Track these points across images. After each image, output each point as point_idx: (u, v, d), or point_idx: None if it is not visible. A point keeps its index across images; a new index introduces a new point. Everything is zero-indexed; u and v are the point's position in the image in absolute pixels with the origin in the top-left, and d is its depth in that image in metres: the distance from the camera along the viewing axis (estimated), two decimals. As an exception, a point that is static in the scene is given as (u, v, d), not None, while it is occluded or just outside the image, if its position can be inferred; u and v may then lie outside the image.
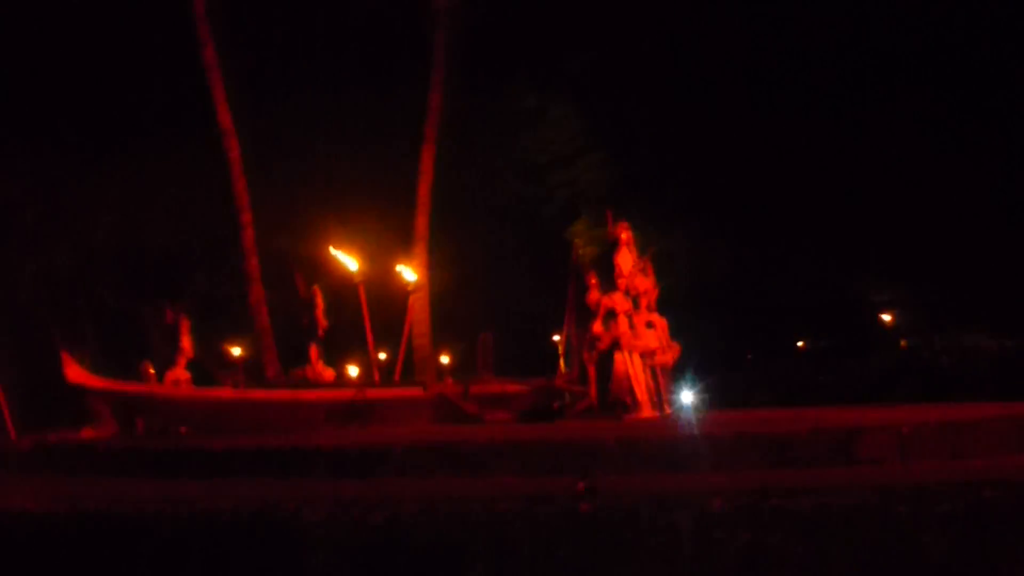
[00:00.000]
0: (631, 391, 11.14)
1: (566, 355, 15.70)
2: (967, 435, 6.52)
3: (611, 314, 11.20)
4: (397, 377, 14.30)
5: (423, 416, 12.13)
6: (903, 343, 23.96)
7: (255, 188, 15.87)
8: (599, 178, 20.49)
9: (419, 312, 16.27)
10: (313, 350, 14.09)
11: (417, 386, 13.32)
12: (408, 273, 15.48)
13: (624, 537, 3.98)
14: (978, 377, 17.07)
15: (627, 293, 11.55)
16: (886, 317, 24.83)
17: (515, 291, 21.12)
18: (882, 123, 19.50)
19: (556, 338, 21.11)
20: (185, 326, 13.30)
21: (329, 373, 14.24)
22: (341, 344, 15.79)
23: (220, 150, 15.66)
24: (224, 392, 12.67)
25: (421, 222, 17.19)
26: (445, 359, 21.80)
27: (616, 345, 11.17)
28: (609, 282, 11.74)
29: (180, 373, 13.11)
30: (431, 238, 17.29)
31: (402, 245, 16.99)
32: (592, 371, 12.20)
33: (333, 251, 14.46)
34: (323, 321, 14.16)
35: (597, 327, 11.67)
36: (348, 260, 14.44)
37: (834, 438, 6.20)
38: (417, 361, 16.43)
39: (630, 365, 11.15)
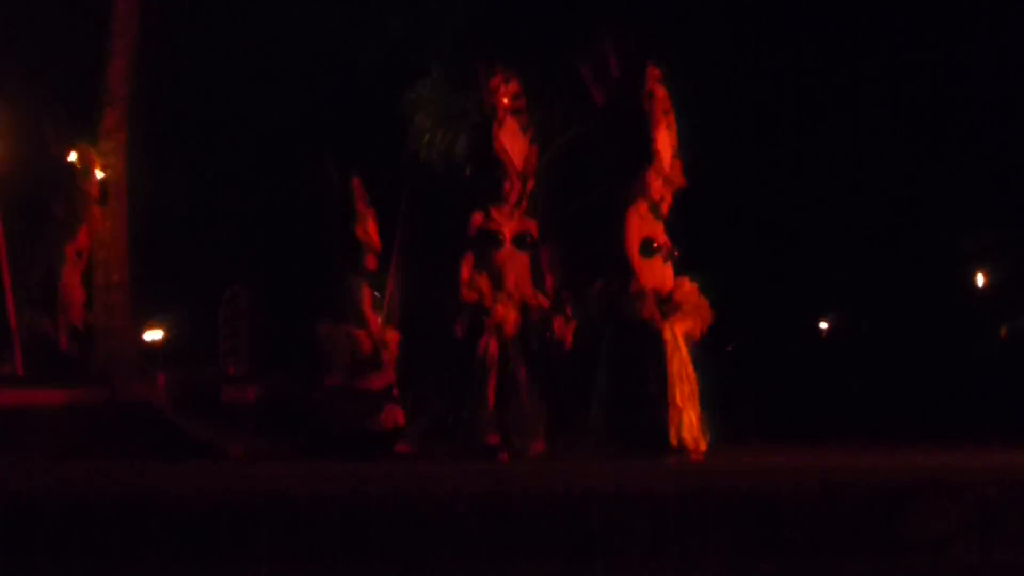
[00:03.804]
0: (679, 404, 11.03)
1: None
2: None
3: (649, 249, 10.96)
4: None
5: (108, 441, 12.01)
6: (1003, 331, 24.95)
7: None
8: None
9: (107, 241, 16.03)
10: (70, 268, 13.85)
11: (100, 385, 13.18)
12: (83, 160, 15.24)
13: None
14: None
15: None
16: (979, 280, 25.72)
17: (295, 210, 21.02)
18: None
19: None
20: None
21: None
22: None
23: None
24: None
25: (117, 67, 16.86)
26: (156, 335, 21.63)
27: (665, 315, 10.84)
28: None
29: None
30: (136, 106, 17.04)
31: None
32: (495, 380, 12.14)
33: None
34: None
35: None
36: None
37: (864, 503, 6.44)
38: (97, 332, 16.17)
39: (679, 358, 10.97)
